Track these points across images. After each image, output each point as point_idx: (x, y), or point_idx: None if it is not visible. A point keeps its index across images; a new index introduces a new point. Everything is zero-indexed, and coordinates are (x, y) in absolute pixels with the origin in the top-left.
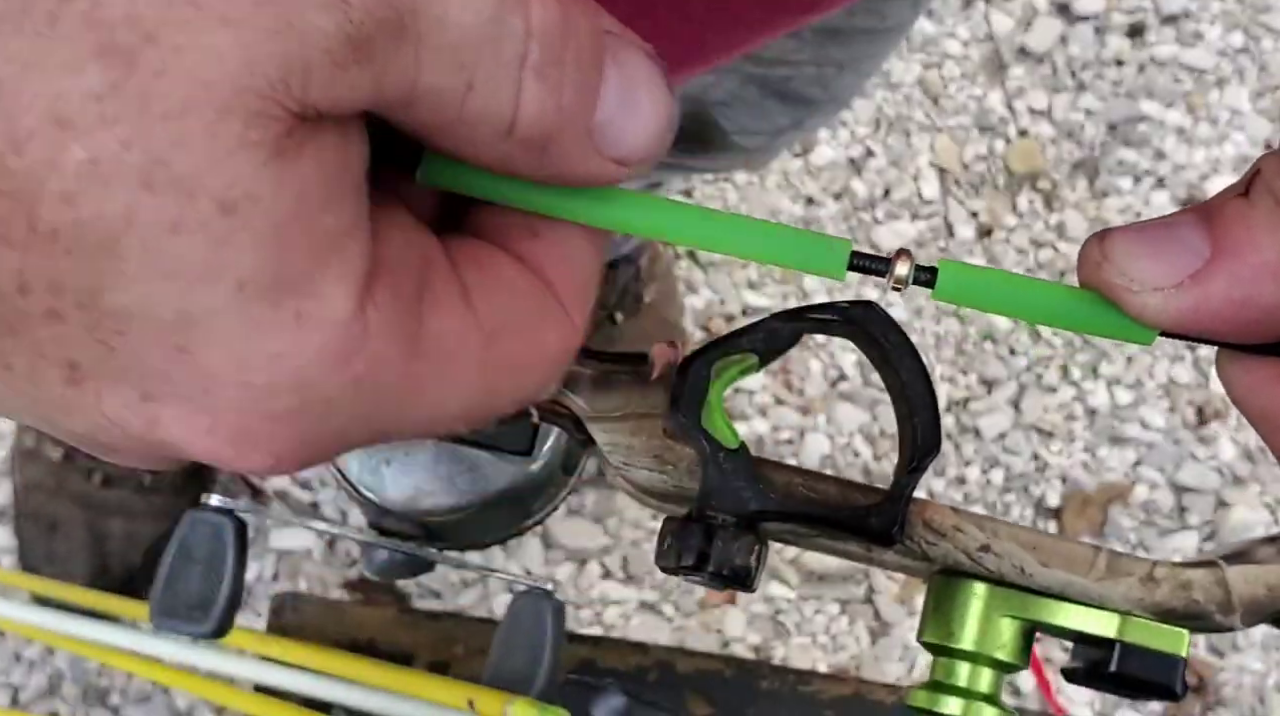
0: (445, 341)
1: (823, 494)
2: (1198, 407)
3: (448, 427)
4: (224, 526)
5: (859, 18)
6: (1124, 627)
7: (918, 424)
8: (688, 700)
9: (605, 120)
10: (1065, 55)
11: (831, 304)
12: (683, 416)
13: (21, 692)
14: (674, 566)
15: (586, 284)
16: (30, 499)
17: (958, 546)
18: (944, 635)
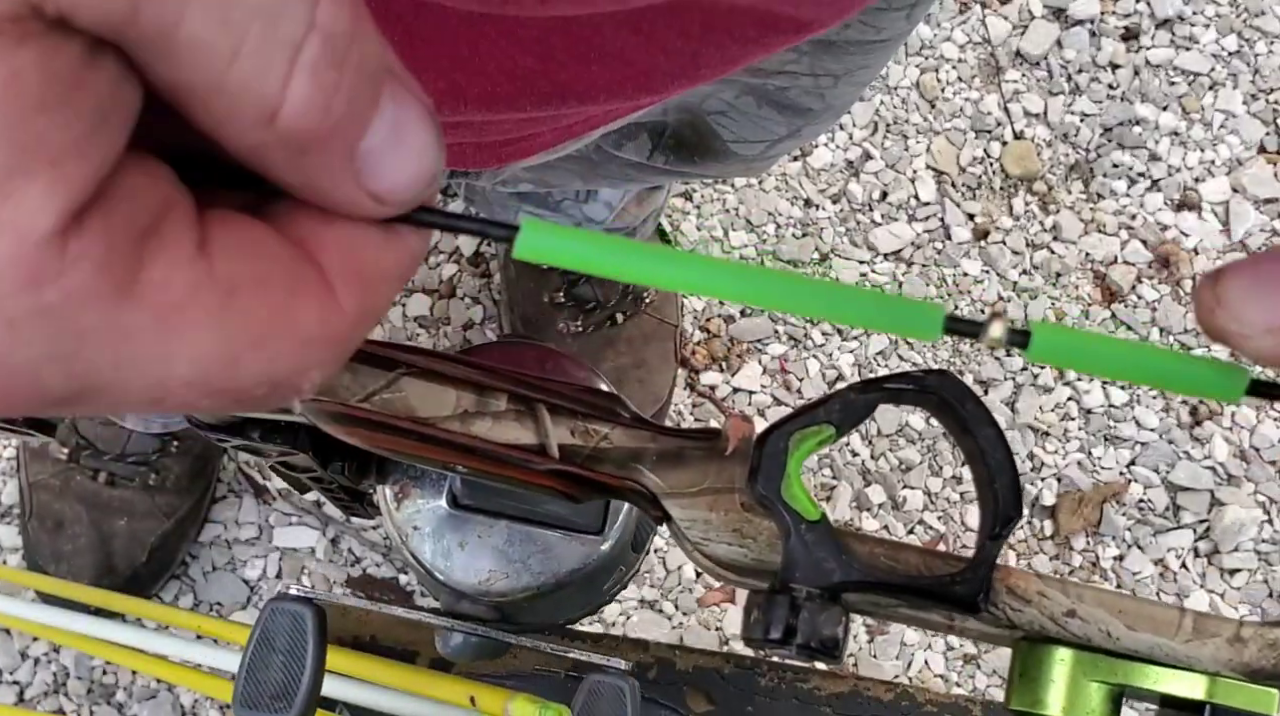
0: (167, 291)
1: (905, 563)
2: (1192, 408)
3: (186, 398)
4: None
5: (853, 30)
6: (1213, 689)
7: (999, 490)
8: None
9: (370, 149)
10: (1060, 59)
11: (907, 374)
12: (763, 489)
13: (28, 690)
14: (761, 639)
15: (365, 277)
16: (36, 498)
17: (1043, 612)
18: (1031, 702)
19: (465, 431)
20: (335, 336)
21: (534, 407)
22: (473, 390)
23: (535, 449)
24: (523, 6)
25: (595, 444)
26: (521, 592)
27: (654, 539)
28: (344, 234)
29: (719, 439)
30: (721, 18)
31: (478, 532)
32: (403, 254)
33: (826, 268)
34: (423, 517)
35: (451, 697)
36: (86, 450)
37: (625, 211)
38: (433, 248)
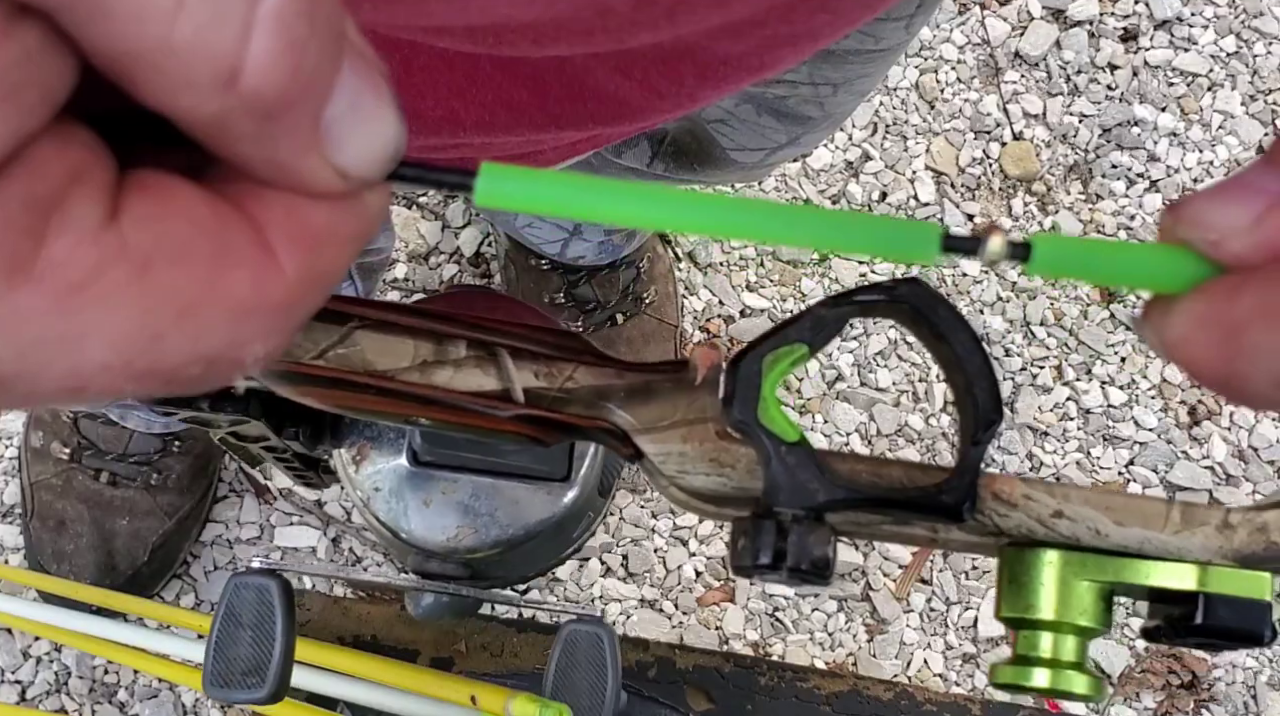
0: (72, 269)
1: (888, 477)
2: (1190, 407)
3: (107, 385)
4: (269, 588)
5: (852, 40)
6: (1205, 578)
7: (977, 394)
8: (687, 695)
9: (334, 118)
10: (1059, 60)
11: (877, 284)
12: (739, 415)
13: (30, 689)
14: (750, 565)
15: (311, 238)
16: (38, 497)
17: (1030, 515)
18: (1023, 607)
19: (426, 382)
20: (275, 305)
21: (495, 352)
22: (430, 339)
23: (499, 395)
24: (517, 48)
25: (561, 385)
26: (491, 547)
27: (617, 485)
28: (298, 199)
29: (687, 369)
30: (715, 68)
31: (441, 489)
32: (359, 214)
33: (826, 268)
34: (383, 478)
35: (452, 696)
36: (88, 450)
37: None
38: (433, 248)
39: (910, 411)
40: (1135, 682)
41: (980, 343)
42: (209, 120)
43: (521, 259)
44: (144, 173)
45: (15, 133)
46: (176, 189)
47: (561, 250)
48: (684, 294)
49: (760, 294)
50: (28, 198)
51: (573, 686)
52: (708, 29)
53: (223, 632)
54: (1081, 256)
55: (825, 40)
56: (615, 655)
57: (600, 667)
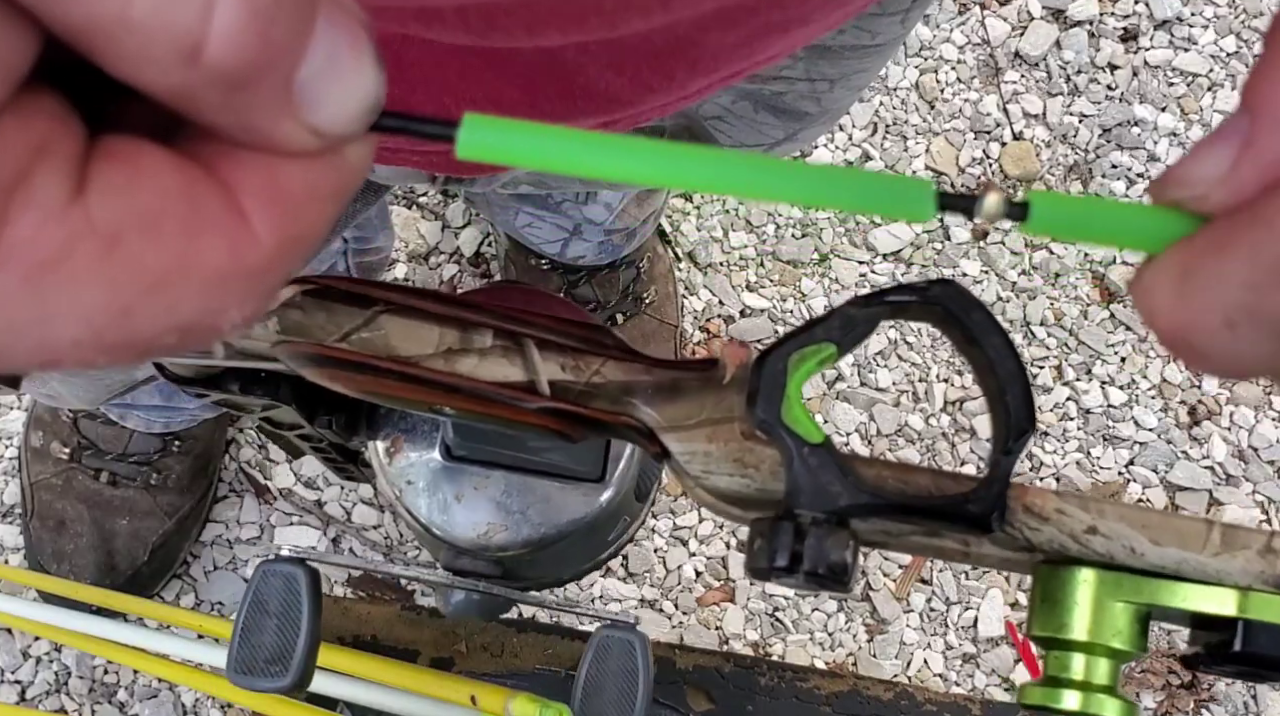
0: (36, 248)
1: (914, 484)
2: (1190, 407)
3: (79, 357)
4: (297, 576)
5: (848, 35)
6: (1244, 604)
7: (1010, 402)
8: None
9: (308, 79)
10: (1059, 60)
11: (909, 285)
12: (762, 414)
13: (29, 689)
14: (766, 568)
15: (287, 202)
16: (38, 497)
17: (1062, 530)
18: (1055, 627)
19: (450, 370)
20: (250, 270)
21: (521, 343)
22: (456, 327)
23: (525, 386)
24: (510, 36)
25: (587, 379)
26: (522, 545)
27: (656, 491)
28: (272, 160)
29: (715, 368)
30: (705, 60)
31: (474, 484)
32: (338, 170)
33: (826, 268)
34: (416, 471)
35: (452, 696)
36: (88, 450)
37: (625, 213)
38: (433, 248)
39: (910, 411)
40: (1135, 683)
41: (1014, 348)
42: (175, 92)
43: (521, 259)
44: (112, 140)
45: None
46: (145, 156)
47: (561, 250)
48: (684, 294)
49: (760, 294)
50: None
51: (602, 694)
52: (699, 16)
53: (249, 620)
54: (1079, 215)
55: (816, 26)
56: (648, 663)
57: (632, 675)
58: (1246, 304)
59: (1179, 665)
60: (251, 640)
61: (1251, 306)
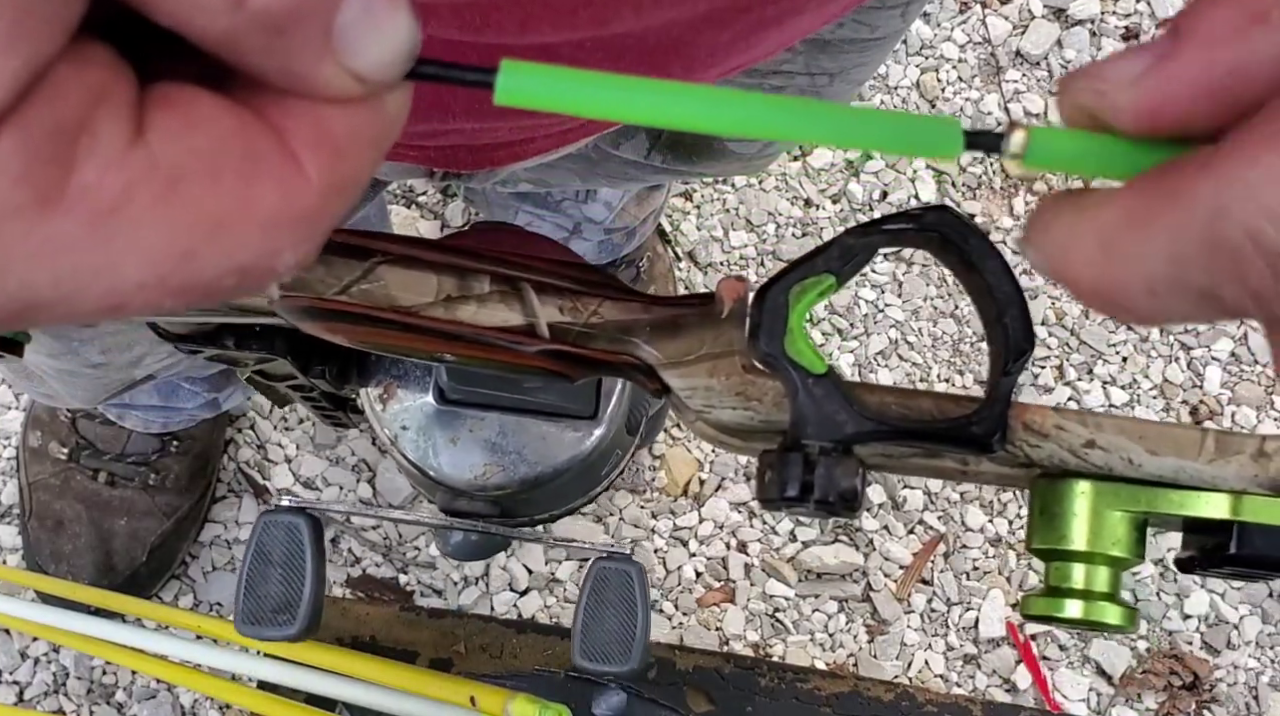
0: (101, 193)
1: (917, 409)
2: (1192, 407)
3: (146, 300)
4: (299, 526)
5: (848, 29)
6: (1238, 507)
7: (1008, 323)
8: (688, 697)
9: (346, 24)
10: (1061, 59)
11: (905, 212)
12: (766, 347)
13: (27, 690)
14: (777, 498)
15: (335, 145)
16: (36, 497)
17: (1062, 445)
18: (1055, 539)
19: (450, 317)
20: (304, 213)
21: (519, 287)
22: (454, 274)
23: (524, 330)
24: (503, 32)
25: (586, 320)
26: (519, 485)
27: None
28: (318, 104)
29: (713, 303)
30: (701, 59)
31: (469, 427)
32: (380, 116)
33: None
34: (410, 416)
35: (451, 697)
36: (86, 450)
37: (625, 211)
38: None
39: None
40: (1137, 683)
41: (1011, 271)
42: (221, 37)
43: None
44: (166, 86)
45: (31, 60)
46: (200, 101)
47: None
48: (684, 293)
49: None
50: (52, 125)
51: (602, 623)
52: (691, 18)
53: (253, 570)
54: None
55: (810, 21)
56: (645, 591)
57: (630, 605)
58: (1169, 275)
59: (1179, 666)
60: (257, 591)
61: (1174, 277)
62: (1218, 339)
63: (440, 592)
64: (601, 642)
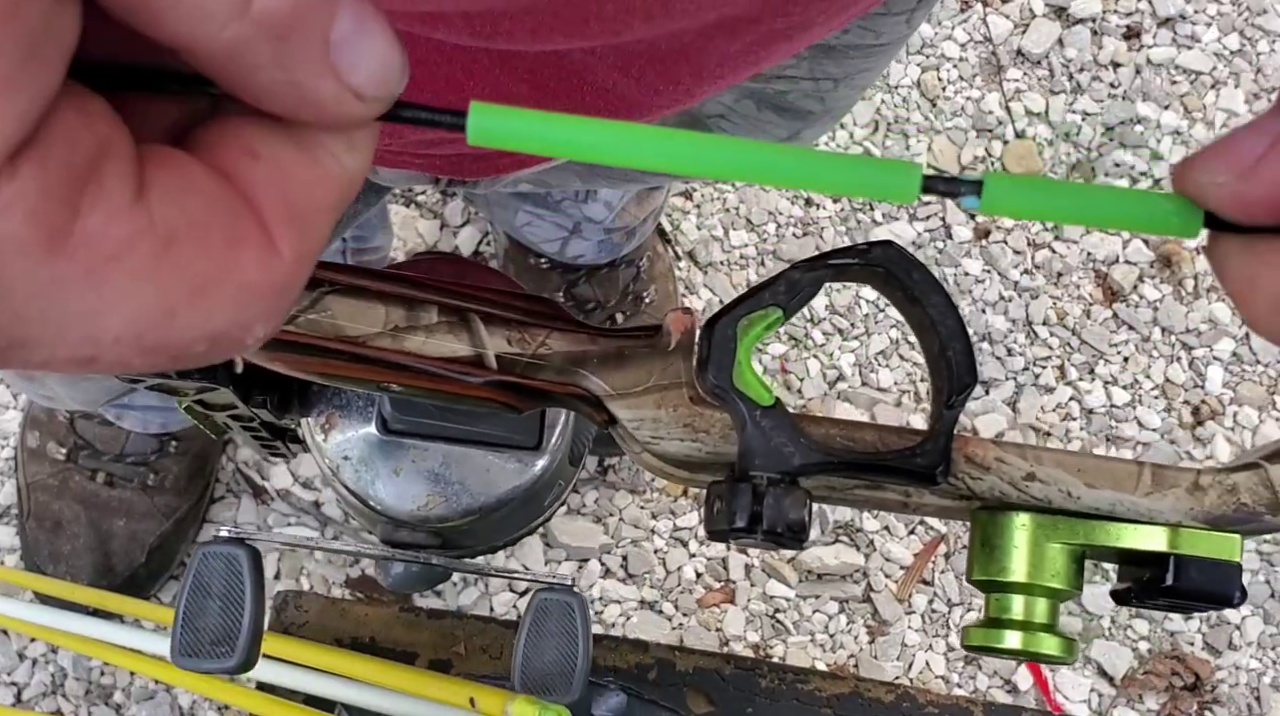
0: (103, 242)
1: (861, 441)
2: (1194, 407)
3: (118, 355)
4: (237, 556)
5: (853, 34)
6: (1175, 540)
7: (951, 357)
8: (687, 698)
9: (341, 39)
10: (1062, 58)
11: (850, 247)
12: (714, 379)
13: (25, 690)
14: (725, 530)
15: (301, 218)
16: (34, 498)
17: (1003, 478)
18: (995, 570)
19: (398, 348)
20: (276, 285)
21: (467, 318)
22: (402, 304)
23: (472, 360)
24: (514, 39)
25: (534, 351)
26: (461, 516)
27: (587, 453)
28: (274, 166)
29: (660, 335)
30: (711, 67)
31: (411, 458)
32: (338, 178)
33: None
34: (352, 446)
35: (451, 698)
36: (85, 450)
37: (625, 211)
38: (431, 247)
39: (912, 411)
40: (1138, 684)
41: (954, 306)
42: (227, 49)
43: (520, 257)
44: (161, 148)
45: (42, 93)
46: (191, 166)
47: (561, 248)
48: (684, 293)
49: None
50: (67, 168)
51: (543, 656)
52: (702, 26)
53: (190, 603)
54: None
55: (819, 32)
56: (587, 623)
57: (571, 637)
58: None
59: (1181, 667)
60: (196, 623)
61: None
62: (1219, 339)
63: (440, 593)
64: (542, 674)
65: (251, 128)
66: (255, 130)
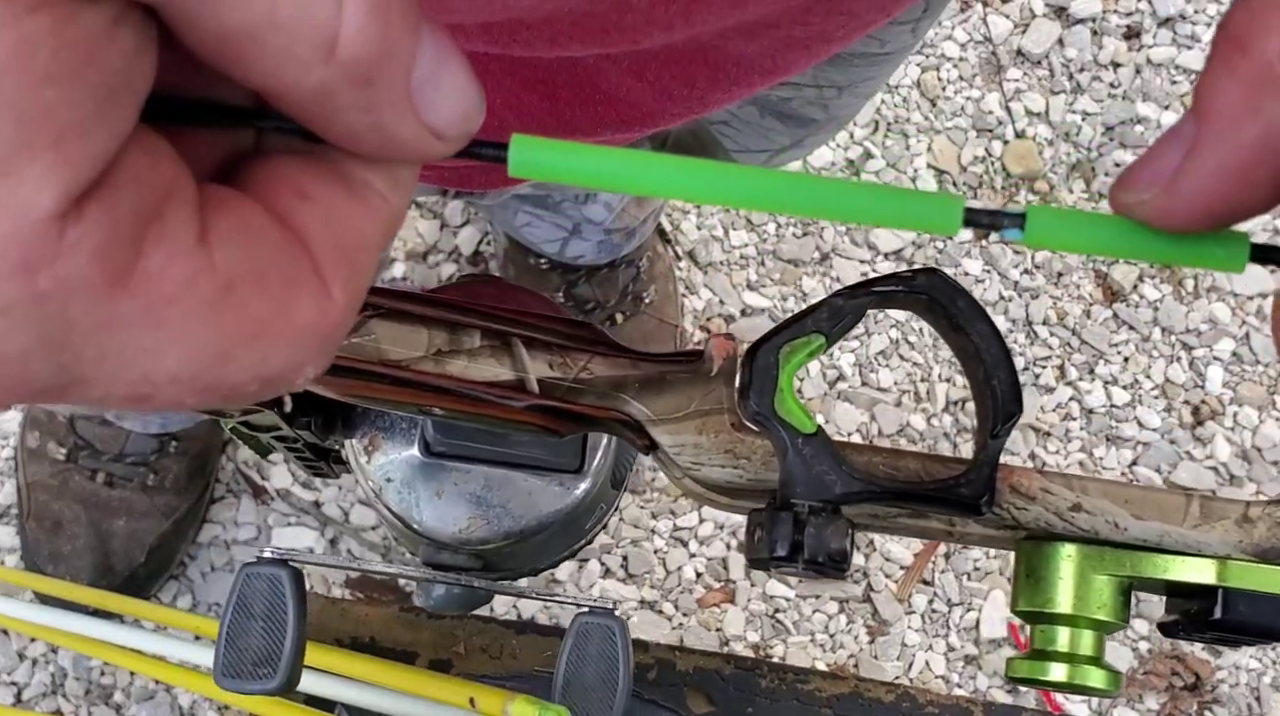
0: (165, 282)
1: (904, 470)
2: (1194, 407)
3: (172, 395)
4: (281, 578)
5: (858, 43)
6: (1224, 573)
7: (996, 387)
8: (687, 697)
9: (421, 80)
10: (1062, 57)
11: (895, 274)
12: (756, 406)
13: (25, 690)
14: (767, 558)
15: (352, 259)
16: (34, 498)
17: (1049, 508)
18: (1040, 602)
19: (440, 372)
20: (329, 328)
21: (509, 342)
22: (444, 328)
23: (514, 385)
24: (531, 47)
25: (575, 375)
26: (503, 538)
27: (632, 476)
28: (324, 208)
29: (702, 360)
30: (727, 70)
31: (453, 480)
32: (385, 216)
33: (827, 267)
34: (395, 469)
35: (451, 698)
36: (85, 450)
37: (625, 212)
38: (431, 247)
39: (912, 411)
40: (1138, 684)
41: (999, 334)
42: (313, 92)
43: (520, 258)
44: (221, 189)
45: (116, 136)
46: (250, 209)
47: (560, 249)
48: (684, 293)
49: (761, 293)
50: (133, 209)
51: (583, 680)
52: (721, 29)
53: (234, 624)
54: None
55: (838, 43)
56: (627, 648)
57: (612, 661)
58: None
59: (1181, 667)
60: (238, 643)
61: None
62: (1220, 339)
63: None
64: (582, 698)
65: (299, 167)
66: (303, 170)
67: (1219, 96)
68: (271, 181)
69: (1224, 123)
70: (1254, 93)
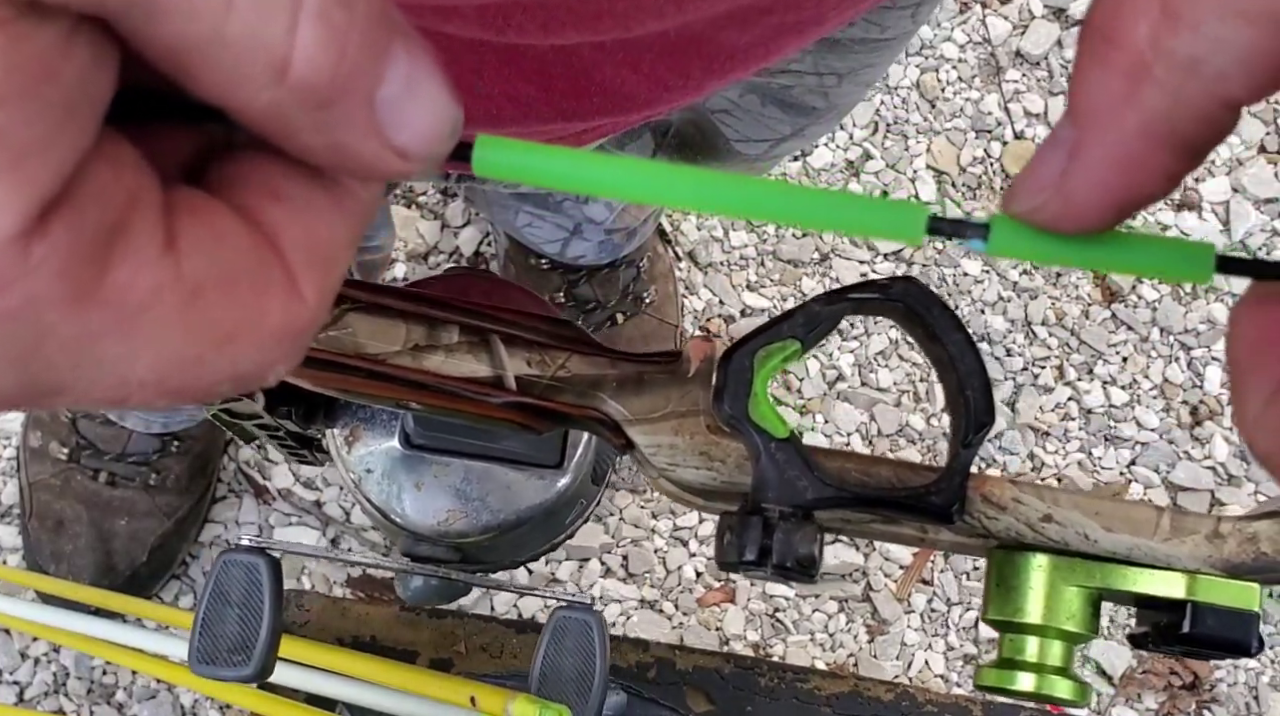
0: (133, 293)
1: (877, 477)
2: (1192, 407)
3: (144, 397)
4: (258, 566)
5: (858, 29)
6: (1193, 587)
7: (970, 396)
8: (687, 696)
9: (387, 99)
10: (1061, 59)
11: (872, 282)
12: (729, 410)
13: (28, 690)
14: (735, 562)
15: (324, 258)
16: (36, 497)
17: (1019, 518)
18: (1010, 611)
19: (417, 366)
20: (299, 329)
21: (488, 338)
22: (423, 323)
23: (491, 381)
24: (525, 33)
25: (553, 373)
26: (482, 532)
27: (612, 473)
28: (296, 207)
29: (680, 361)
30: (720, 59)
31: (433, 472)
32: (356, 212)
33: (827, 267)
34: (375, 460)
35: (451, 697)
36: (87, 450)
37: (625, 212)
38: (432, 247)
39: (911, 411)
40: (1137, 684)
41: (974, 344)
42: (266, 112)
43: (521, 258)
44: (189, 194)
45: (76, 152)
46: (218, 212)
47: (561, 249)
48: (684, 293)
49: (761, 293)
50: (97, 224)
51: (560, 674)
52: (714, 16)
53: (210, 610)
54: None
55: (830, 26)
56: (604, 642)
57: (589, 655)
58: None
59: (1180, 666)
60: (214, 630)
61: None
62: (1218, 339)
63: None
64: (559, 691)
65: (270, 163)
66: (275, 169)
67: (1095, 93)
68: (242, 180)
69: (1104, 118)
70: (1129, 82)
